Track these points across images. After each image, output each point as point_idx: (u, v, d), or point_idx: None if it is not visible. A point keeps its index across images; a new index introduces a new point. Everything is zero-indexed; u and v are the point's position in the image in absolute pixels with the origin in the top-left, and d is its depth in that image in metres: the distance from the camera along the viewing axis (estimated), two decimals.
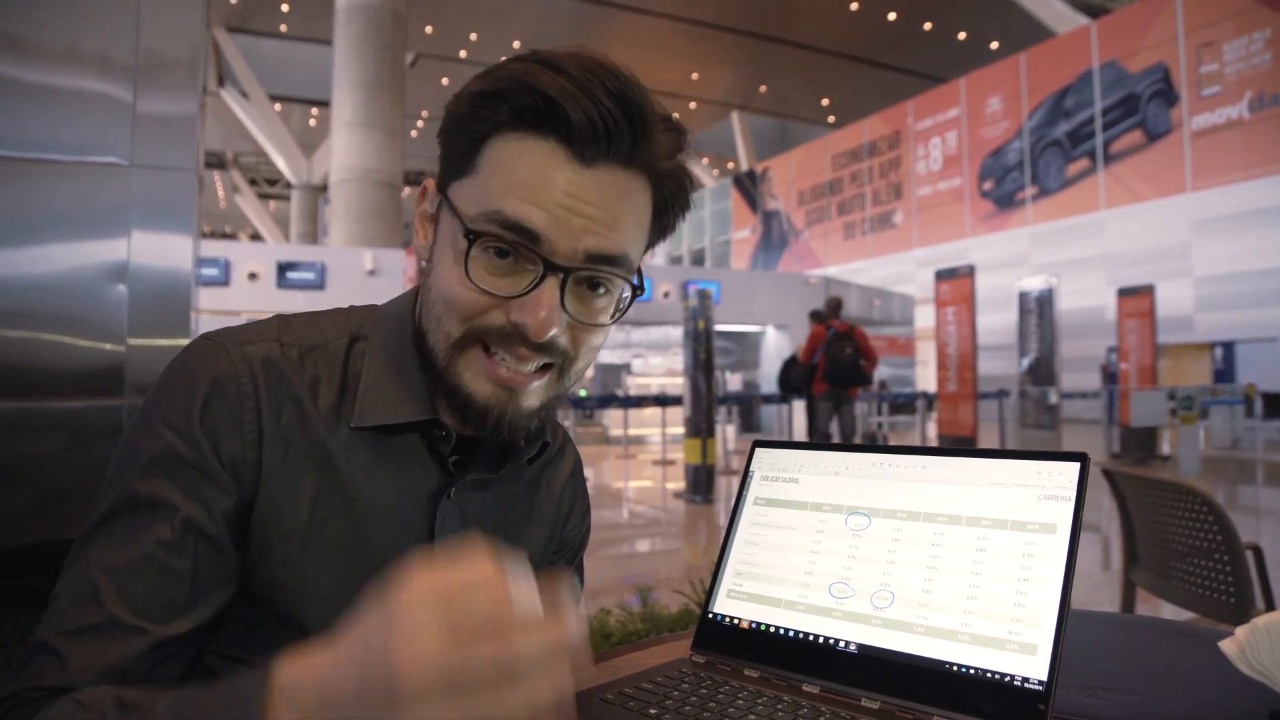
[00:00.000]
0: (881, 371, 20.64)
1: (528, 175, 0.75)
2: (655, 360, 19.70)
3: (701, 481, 8.73)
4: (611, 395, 14.20)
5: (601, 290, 0.81)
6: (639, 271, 0.84)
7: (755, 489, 1.06)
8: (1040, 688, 0.78)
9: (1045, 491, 0.86)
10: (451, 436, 0.86)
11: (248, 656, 0.82)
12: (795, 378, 10.10)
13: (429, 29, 26.05)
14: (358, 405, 0.84)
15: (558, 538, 1.04)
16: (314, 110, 32.89)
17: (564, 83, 0.74)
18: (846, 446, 1.02)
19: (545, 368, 0.82)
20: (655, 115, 0.79)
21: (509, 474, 0.94)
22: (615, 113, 0.74)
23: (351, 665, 0.53)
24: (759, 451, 1.08)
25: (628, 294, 0.84)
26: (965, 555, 0.87)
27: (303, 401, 0.83)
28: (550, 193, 0.75)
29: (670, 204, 0.85)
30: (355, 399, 0.85)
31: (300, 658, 0.57)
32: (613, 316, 0.84)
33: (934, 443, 12.99)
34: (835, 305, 9.82)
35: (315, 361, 0.85)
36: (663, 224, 0.86)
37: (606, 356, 19.84)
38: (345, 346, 0.88)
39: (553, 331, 0.77)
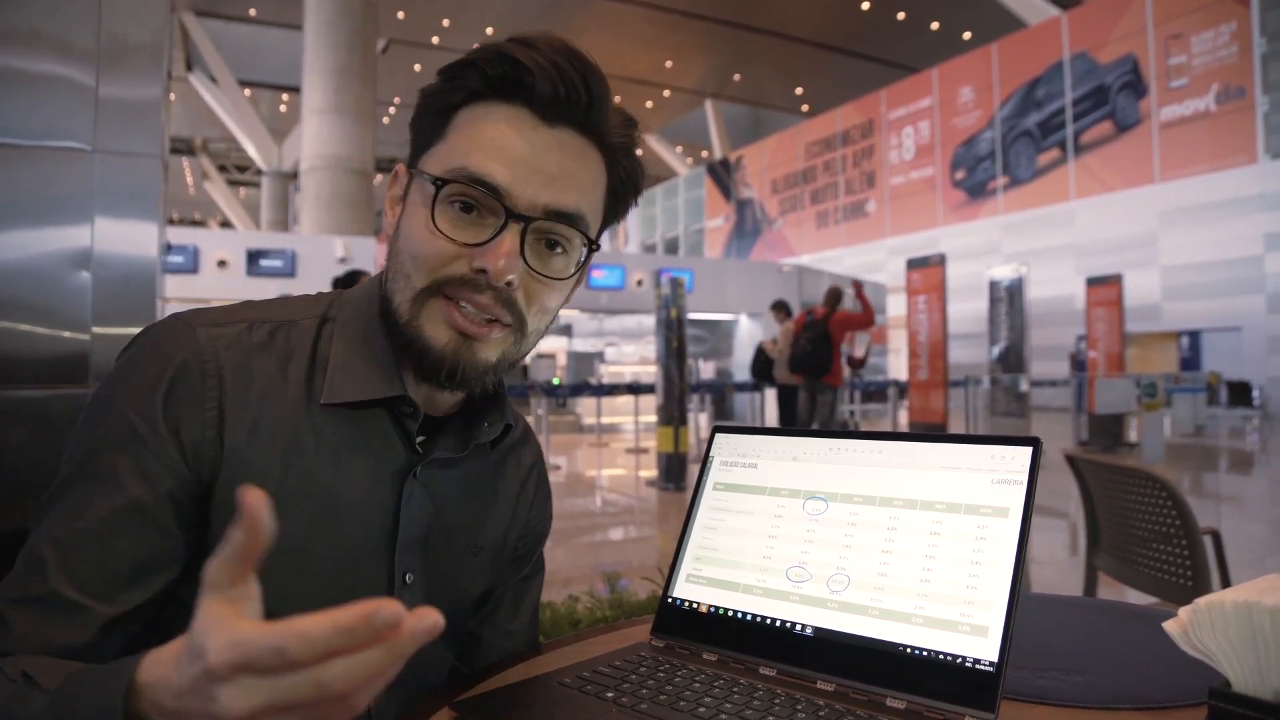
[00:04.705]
0: None
1: (492, 133, 0.83)
2: (628, 349, 19.70)
3: (674, 469, 8.76)
4: (585, 383, 14.18)
5: (559, 250, 0.87)
6: (595, 237, 0.90)
7: (715, 474, 1.07)
8: (991, 669, 0.79)
9: (998, 476, 0.87)
10: (418, 413, 0.90)
11: None
12: (754, 368, 10.12)
13: (400, 15, 25.79)
14: (327, 382, 0.87)
15: (522, 522, 1.07)
16: (284, 96, 32.44)
17: (533, 54, 0.82)
18: (805, 431, 1.02)
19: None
20: (610, 93, 0.87)
21: (473, 455, 0.97)
22: (575, 79, 0.83)
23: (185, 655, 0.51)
24: (719, 437, 1.09)
25: (585, 254, 0.90)
26: (919, 539, 0.88)
27: (271, 381, 0.85)
28: (513, 148, 0.83)
29: (624, 185, 0.93)
30: (325, 376, 0.87)
31: (158, 653, 0.57)
32: (570, 275, 0.89)
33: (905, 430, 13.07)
34: (827, 296, 9.76)
35: (286, 337, 0.88)
36: (617, 204, 0.93)
37: (580, 345, 19.81)
38: (315, 326, 0.91)
39: (511, 276, 0.82)
